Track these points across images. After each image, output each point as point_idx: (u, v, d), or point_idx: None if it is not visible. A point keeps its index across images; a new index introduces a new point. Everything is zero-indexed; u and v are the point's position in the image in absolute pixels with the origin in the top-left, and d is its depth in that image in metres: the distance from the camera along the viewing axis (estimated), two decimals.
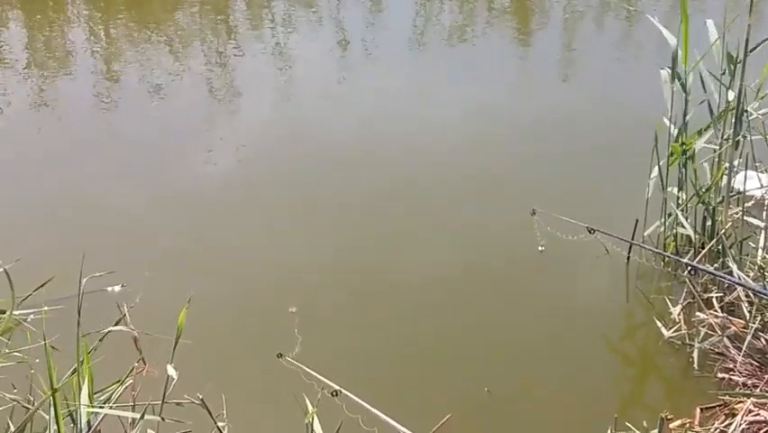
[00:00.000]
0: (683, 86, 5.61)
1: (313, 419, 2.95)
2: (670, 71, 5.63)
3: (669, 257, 5.63)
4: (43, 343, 2.92)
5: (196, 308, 3.55)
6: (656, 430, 4.25)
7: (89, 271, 3.50)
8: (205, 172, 7.36)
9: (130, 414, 2.81)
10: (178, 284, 5.59)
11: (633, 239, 5.68)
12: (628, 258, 5.84)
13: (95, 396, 3.35)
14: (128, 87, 9.41)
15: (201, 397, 2.78)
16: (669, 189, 5.77)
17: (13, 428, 3.29)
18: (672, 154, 5.70)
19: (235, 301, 5.60)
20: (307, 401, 3.09)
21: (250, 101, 9.05)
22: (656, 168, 5.73)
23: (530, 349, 5.20)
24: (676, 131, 5.69)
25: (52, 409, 2.93)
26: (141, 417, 2.71)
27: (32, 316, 4.76)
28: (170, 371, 2.64)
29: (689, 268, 5.46)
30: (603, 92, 8.86)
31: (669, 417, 3.91)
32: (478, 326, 5.40)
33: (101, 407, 2.92)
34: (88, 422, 3.02)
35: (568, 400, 4.77)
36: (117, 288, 5.44)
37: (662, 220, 5.83)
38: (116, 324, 3.52)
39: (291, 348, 4.74)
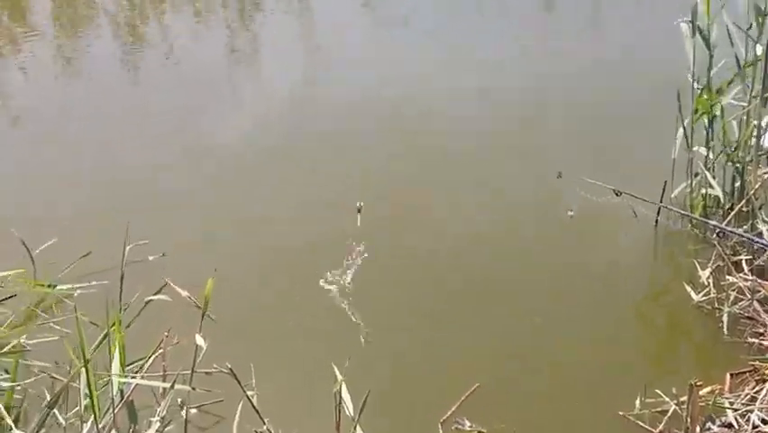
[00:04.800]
0: (706, 40, 5.49)
1: (341, 387, 2.93)
2: (690, 24, 5.50)
3: (696, 219, 5.55)
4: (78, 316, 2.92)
5: (225, 278, 3.61)
6: (685, 398, 4.26)
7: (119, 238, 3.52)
8: (230, 133, 7.32)
9: (160, 384, 2.82)
10: (205, 252, 5.61)
11: (661, 201, 5.61)
12: (656, 221, 5.77)
13: (127, 366, 3.40)
14: (151, 49, 9.40)
15: (230, 366, 2.78)
16: (695, 149, 5.67)
17: (48, 398, 3.32)
18: (696, 111, 5.59)
19: (263, 270, 5.57)
20: (336, 370, 3.06)
21: (273, 62, 9.01)
22: (681, 127, 5.64)
23: (557, 313, 5.15)
24: (700, 87, 5.58)
25: (85, 378, 2.96)
26: (171, 386, 2.71)
27: (78, 291, 4.85)
28: (199, 340, 2.64)
29: (717, 231, 5.39)
30: (629, 47, 8.67)
31: (698, 383, 3.87)
32: (504, 288, 5.38)
33: (132, 377, 2.94)
34: (121, 392, 3.04)
35: (596, 365, 4.73)
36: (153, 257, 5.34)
37: (689, 181, 5.74)
38: (157, 293, 3.54)
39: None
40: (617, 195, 5.50)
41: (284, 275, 5.49)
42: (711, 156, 5.70)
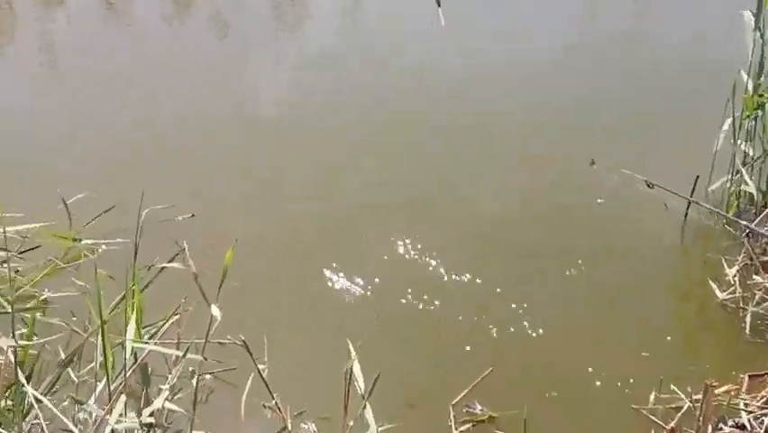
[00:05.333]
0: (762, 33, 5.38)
1: (352, 366, 2.93)
2: (754, 16, 5.37)
3: (726, 217, 5.45)
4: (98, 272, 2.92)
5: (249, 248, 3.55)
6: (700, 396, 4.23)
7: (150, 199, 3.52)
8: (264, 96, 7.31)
9: (173, 351, 2.84)
10: (233, 217, 5.62)
11: (692, 195, 5.53)
12: (686, 215, 5.69)
13: (144, 328, 3.43)
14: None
15: (243, 339, 2.79)
16: (739, 143, 5.58)
17: (63, 356, 3.35)
18: (746, 107, 5.48)
19: (284, 241, 5.56)
20: (350, 346, 3.06)
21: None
22: (728, 120, 5.54)
23: (578, 299, 5.12)
24: (752, 83, 5.46)
25: (100, 340, 2.98)
26: (184, 355, 2.73)
27: (103, 246, 4.88)
28: (214, 311, 2.64)
29: (747, 229, 5.30)
30: (675, 34, 8.50)
31: (714, 384, 3.84)
32: (530, 270, 5.32)
33: (146, 342, 2.96)
34: (135, 354, 3.06)
35: (613, 356, 4.69)
36: (182, 217, 5.39)
37: (730, 176, 5.64)
38: (171, 260, 3.55)
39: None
40: (649, 187, 5.43)
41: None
42: (752, 153, 5.59)
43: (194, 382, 2.87)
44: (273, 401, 2.84)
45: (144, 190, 3.62)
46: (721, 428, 4.05)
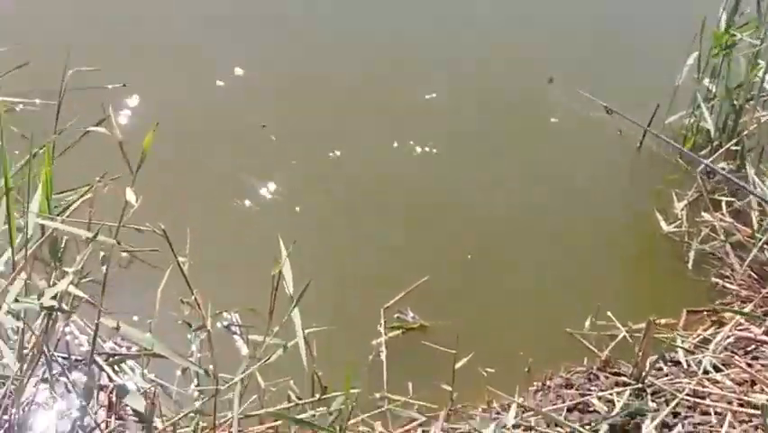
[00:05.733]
0: None
1: (281, 271, 2.69)
2: None
3: (681, 150, 5.30)
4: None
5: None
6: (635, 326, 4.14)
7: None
8: None
9: (82, 232, 2.54)
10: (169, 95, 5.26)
11: (650, 125, 5.36)
12: (641, 143, 5.53)
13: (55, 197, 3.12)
14: None
15: (163, 227, 2.51)
16: (703, 81, 5.46)
17: None
18: (716, 45, 5.34)
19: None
20: (282, 247, 2.81)
21: None
22: (694, 55, 5.40)
23: (521, 219, 4.96)
24: (725, 19, 5.31)
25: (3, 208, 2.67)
26: (94, 237, 2.44)
27: (20, 106, 4.51)
28: (129, 195, 2.35)
29: (701, 165, 5.16)
30: None
31: (657, 320, 3.74)
32: (473, 183, 5.13)
33: (53, 217, 2.66)
34: (42, 228, 2.76)
35: (552, 279, 4.58)
36: (112, 86, 5.07)
37: (691, 110, 5.51)
38: (97, 125, 3.21)
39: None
40: (608, 113, 5.28)
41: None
42: (714, 89, 5.46)
43: (103, 268, 2.58)
44: (192, 297, 2.57)
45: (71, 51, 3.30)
46: (660, 368, 3.94)
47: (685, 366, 3.98)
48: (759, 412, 3.56)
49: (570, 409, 3.72)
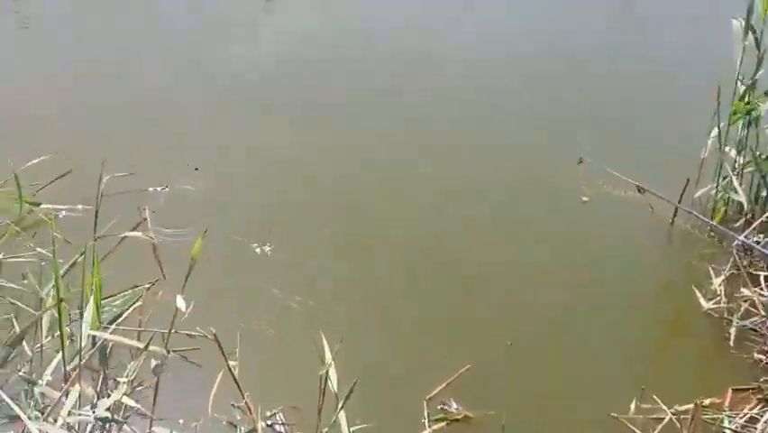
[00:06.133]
0: (757, 41, 5.25)
1: (328, 371, 2.70)
2: (743, 22, 5.24)
3: (715, 227, 5.29)
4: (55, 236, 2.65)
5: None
6: (682, 408, 4.08)
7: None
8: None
9: (134, 343, 2.59)
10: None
11: (681, 201, 5.38)
12: (673, 220, 5.53)
13: (103, 300, 3.15)
14: None
15: (214, 332, 2.54)
16: (727, 150, 5.45)
17: (17, 330, 3.08)
18: (734, 113, 5.36)
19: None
20: (326, 348, 2.83)
21: None
22: (716, 128, 5.42)
23: (559, 304, 4.93)
24: (743, 89, 5.34)
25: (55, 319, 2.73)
26: (145, 347, 2.48)
27: (63, 213, 4.61)
28: (180, 303, 2.39)
29: (736, 241, 5.14)
30: (669, 36, 8.36)
31: (703, 402, 3.70)
32: (508, 272, 5.14)
33: (106, 327, 2.70)
34: (93, 339, 2.81)
35: (594, 361, 4.54)
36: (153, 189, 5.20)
37: (716, 183, 5.51)
38: (134, 229, 3.28)
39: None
40: (639, 192, 5.31)
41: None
42: (741, 161, 5.46)
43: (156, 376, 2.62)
44: (243, 401, 2.59)
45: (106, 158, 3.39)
46: None
47: None
48: None
49: None
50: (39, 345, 3.05)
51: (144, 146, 5.63)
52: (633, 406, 4.17)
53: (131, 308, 2.91)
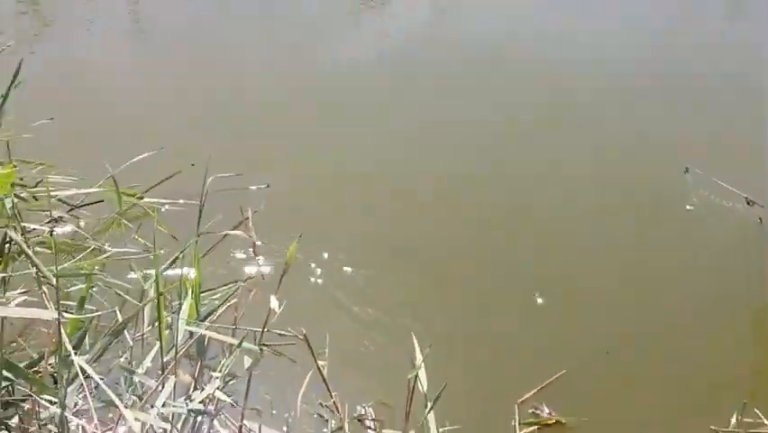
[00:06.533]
0: None
1: (418, 373, 2.70)
2: None
3: None
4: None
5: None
6: None
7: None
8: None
9: (229, 339, 2.65)
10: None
11: None
12: None
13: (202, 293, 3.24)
14: None
15: (304, 332, 2.58)
16: None
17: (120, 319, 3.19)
18: None
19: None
20: (417, 351, 2.83)
21: None
22: None
23: (663, 311, 4.80)
24: None
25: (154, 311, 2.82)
26: (239, 345, 2.54)
27: (166, 206, 4.76)
28: (273, 302, 2.44)
29: None
30: None
31: None
32: (609, 272, 5.07)
33: (200, 323, 2.78)
34: (191, 334, 2.88)
35: (696, 373, 4.41)
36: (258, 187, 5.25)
37: None
38: (236, 228, 3.35)
39: None
40: (748, 204, 5.14)
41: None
42: None
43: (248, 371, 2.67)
44: (332, 400, 2.62)
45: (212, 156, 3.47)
46: None
47: None
48: None
49: None
50: (139, 334, 3.15)
51: (247, 146, 5.71)
52: (734, 420, 4.04)
53: (225, 305, 2.99)
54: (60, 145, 5.10)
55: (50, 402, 2.64)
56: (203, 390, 2.60)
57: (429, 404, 2.78)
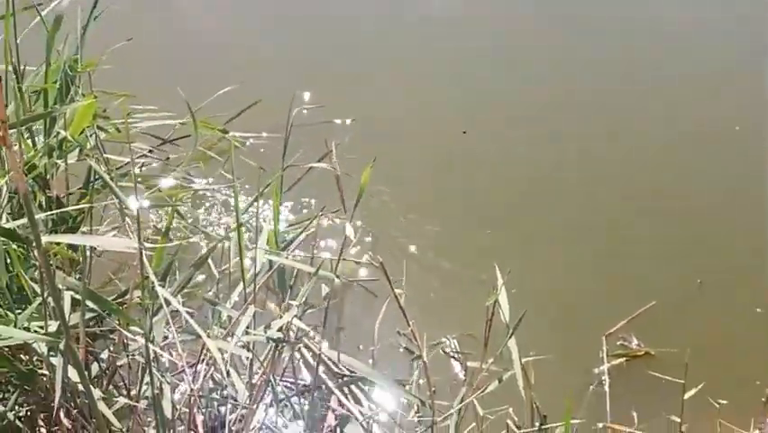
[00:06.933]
0: None
1: (497, 300, 2.66)
2: None
3: None
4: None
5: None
6: None
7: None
8: None
9: (306, 267, 2.66)
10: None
11: None
12: None
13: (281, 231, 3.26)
14: None
15: (381, 260, 2.57)
16: None
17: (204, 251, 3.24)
18: None
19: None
20: (498, 275, 2.79)
21: None
22: None
23: (749, 243, 4.63)
24: None
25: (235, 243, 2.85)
26: (315, 273, 2.55)
27: (250, 141, 4.79)
28: (348, 230, 2.43)
29: None
30: None
31: None
32: (700, 203, 4.90)
33: (279, 253, 2.79)
34: (270, 262, 2.90)
35: None
36: (345, 121, 5.27)
37: None
38: (320, 160, 3.34)
39: None
40: None
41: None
42: None
43: (326, 296, 2.69)
44: (409, 329, 2.61)
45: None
46: None
47: None
48: None
49: None
50: (225, 268, 3.19)
51: (333, 79, 5.65)
52: None
53: (303, 234, 3.00)
54: (147, 77, 5.16)
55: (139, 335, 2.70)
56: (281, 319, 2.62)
57: (510, 331, 2.73)
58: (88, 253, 2.81)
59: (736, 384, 3.80)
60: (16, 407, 2.81)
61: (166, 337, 2.75)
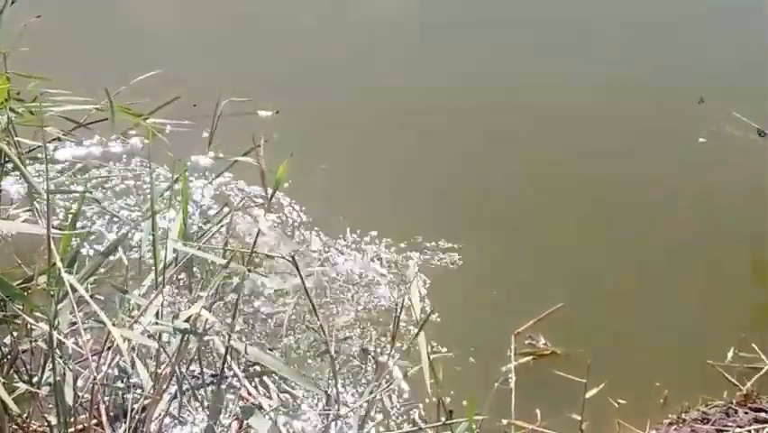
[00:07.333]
0: None
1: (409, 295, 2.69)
2: None
3: None
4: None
5: None
6: None
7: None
8: None
9: (216, 259, 2.64)
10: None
11: None
12: None
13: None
14: None
15: (292, 254, 2.58)
16: None
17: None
18: None
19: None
20: (412, 268, 2.82)
21: None
22: None
23: (661, 245, 4.78)
24: None
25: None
26: (226, 265, 2.54)
27: (169, 127, 4.73)
28: (262, 223, 2.43)
29: None
30: None
31: None
32: (615, 208, 5.04)
33: (190, 244, 2.77)
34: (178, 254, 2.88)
35: (694, 307, 4.41)
36: (267, 113, 5.24)
37: None
38: (246, 154, 3.32)
39: None
40: (760, 135, 5.03)
41: None
42: None
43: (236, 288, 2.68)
44: (318, 323, 2.63)
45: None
46: None
47: None
48: None
49: None
50: (137, 255, 3.16)
51: (258, 73, 5.63)
52: (730, 354, 4.07)
53: (218, 225, 2.99)
54: (67, 61, 5.06)
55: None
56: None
57: (419, 327, 2.76)
58: None
59: (637, 386, 3.91)
60: None
61: (74, 324, 2.71)
